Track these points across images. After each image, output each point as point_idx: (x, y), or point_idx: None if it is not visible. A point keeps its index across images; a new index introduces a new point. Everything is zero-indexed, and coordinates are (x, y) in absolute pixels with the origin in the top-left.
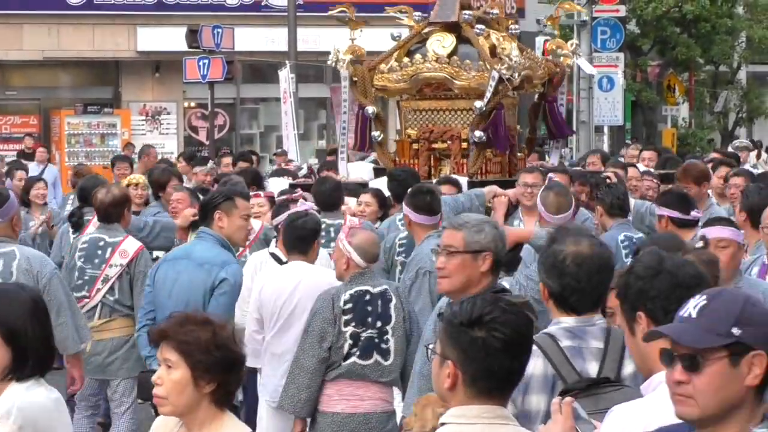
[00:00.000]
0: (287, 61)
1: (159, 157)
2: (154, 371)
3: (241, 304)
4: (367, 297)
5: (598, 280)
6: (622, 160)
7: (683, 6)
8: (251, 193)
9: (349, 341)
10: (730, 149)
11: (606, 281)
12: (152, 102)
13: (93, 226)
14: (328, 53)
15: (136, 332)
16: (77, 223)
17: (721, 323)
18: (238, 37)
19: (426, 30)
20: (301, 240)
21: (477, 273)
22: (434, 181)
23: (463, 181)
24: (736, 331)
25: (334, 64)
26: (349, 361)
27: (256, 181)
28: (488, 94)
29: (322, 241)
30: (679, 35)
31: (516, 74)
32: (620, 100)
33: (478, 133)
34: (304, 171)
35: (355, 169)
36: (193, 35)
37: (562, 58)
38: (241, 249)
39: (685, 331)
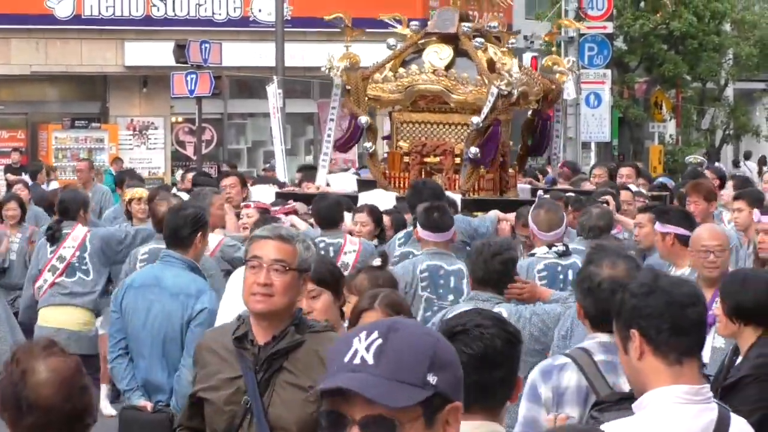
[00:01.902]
0: (275, 77)
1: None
2: (135, 407)
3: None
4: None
5: None
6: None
7: (670, 23)
8: (242, 204)
9: None
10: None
11: None
12: (140, 117)
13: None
14: (315, 68)
15: (109, 363)
16: (53, 236)
17: (412, 369)
18: (225, 52)
19: (423, 41)
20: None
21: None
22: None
23: (457, 198)
24: (432, 378)
25: (327, 71)
26: None
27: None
28: (486, 110)
29: None
30: (667, 52)
31: (515, 91)
32: (607, 116)
33: (473, 150)
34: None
35: (338, 181)
36: (180, 50)
37: (558, 75)
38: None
39: (366, 383)
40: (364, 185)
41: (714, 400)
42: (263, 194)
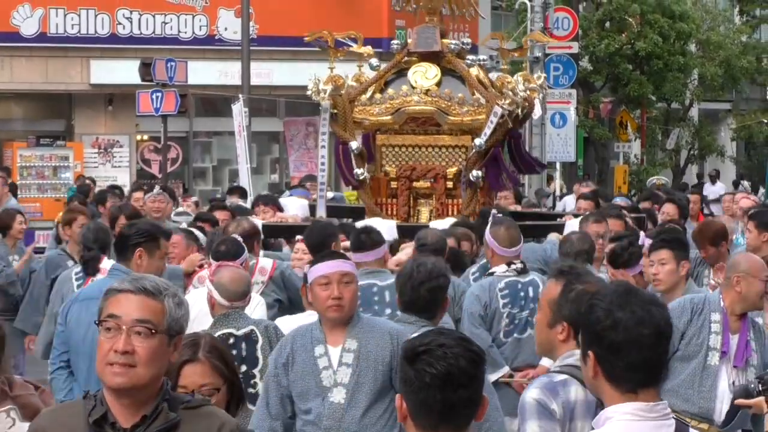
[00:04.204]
0: (240, 95)
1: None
2: None
3: None
4: (231, 341)
5: None
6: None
7: (636, 43)
8: (298, 238)
9: None
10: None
11: None
12: (105, 135)
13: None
14: (281, 87)
15: (49, 375)
16: None
17: None
18: (191, 70)
19: (404, 60)
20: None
21: None
22: (444, 223)
23: (450, 223)
24: None
25: (314, 95)
26: None
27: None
28: (488, 131)
29: None
30: (632, 72)
31: (519, 110)
32: (572, 136)
33: (475, 173)
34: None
35: (291, 205)
36: (146, 68)
37: (528, 92)
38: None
39: None
40: (335, 211)
41: (673, 416)
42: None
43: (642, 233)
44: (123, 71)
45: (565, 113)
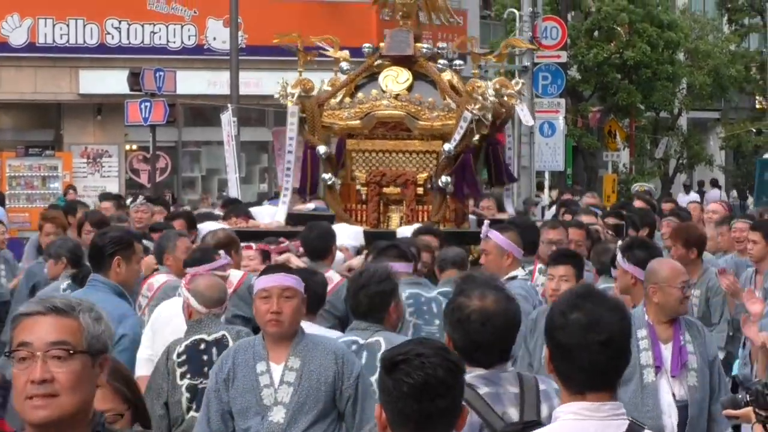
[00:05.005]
0: (229, 105)
1: None
2: None
3: None
4: (202, 346)
5: (504, 337)
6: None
7: (624, 52)
8: (243, 245)
9: (186, 394)
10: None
11: (512, 336)
12: (94, 145)
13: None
14: (270, 96)
15: None
16: None
17: None
18: (180, 80)
19: (376, 64)
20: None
21: None
22: (405, 231)
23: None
24: None
25: (281, 98)
26: (189, 416)
27: (192, 224)
28: (457, 137)
29: None
30: (621, 81)
31: (489, 115)
32: (561, 145)
33: (444, 179)
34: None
35: (264, 214)
36: (134, 78)
37: (506, 98)
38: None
39: None
40: (300, 218)
41: (625, 417)
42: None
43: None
44: (112, 81)
45: (554, 122)
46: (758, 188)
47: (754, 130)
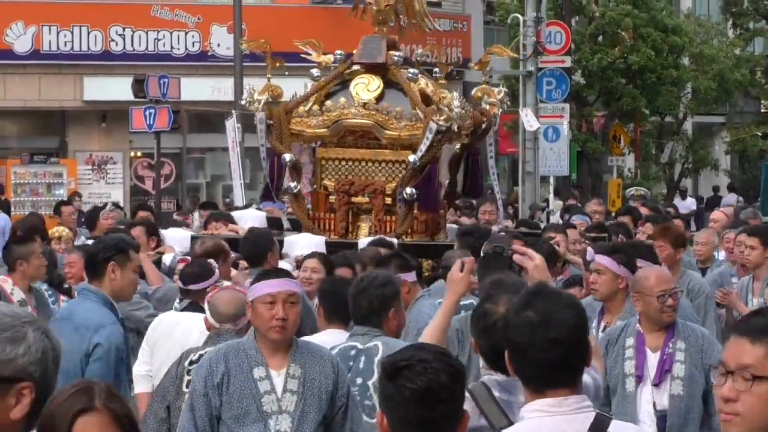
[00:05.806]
0: (233, 111)
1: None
2: None
3: None
4: None
5: None
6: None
7: (629, 57)
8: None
9: None
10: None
11: None
12: (98, 151)
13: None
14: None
15: None
16: None
17: None
18: (184, 86)
19: (348, 71)
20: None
21: None
22: (365, 242)
23: (393, 242)
24: None
25: (248, 104)
26: None
27: (154, 232)
28: (423, 148)
29: None
30: (625, 86)
31: (455, 126)
32: (566, 150)
33: (409, 190)
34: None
35: (246, 218)
36: (139, 85)
37: (488, 107)
38: None
39: None
40: (293, 225)
41: (591, 410)
42: (176, 239)
43: (590, 248)
44: (116, 88)
45: (558, 127)
46: (764, 192)
47: (760, 134)
